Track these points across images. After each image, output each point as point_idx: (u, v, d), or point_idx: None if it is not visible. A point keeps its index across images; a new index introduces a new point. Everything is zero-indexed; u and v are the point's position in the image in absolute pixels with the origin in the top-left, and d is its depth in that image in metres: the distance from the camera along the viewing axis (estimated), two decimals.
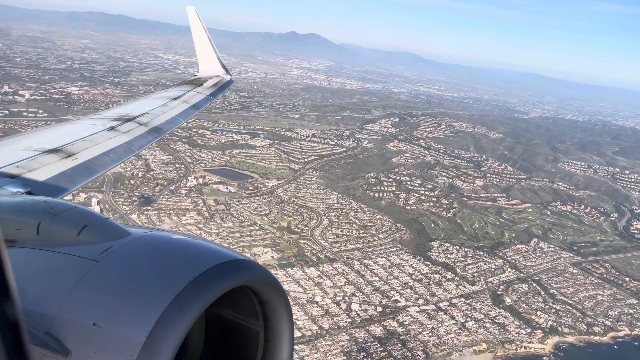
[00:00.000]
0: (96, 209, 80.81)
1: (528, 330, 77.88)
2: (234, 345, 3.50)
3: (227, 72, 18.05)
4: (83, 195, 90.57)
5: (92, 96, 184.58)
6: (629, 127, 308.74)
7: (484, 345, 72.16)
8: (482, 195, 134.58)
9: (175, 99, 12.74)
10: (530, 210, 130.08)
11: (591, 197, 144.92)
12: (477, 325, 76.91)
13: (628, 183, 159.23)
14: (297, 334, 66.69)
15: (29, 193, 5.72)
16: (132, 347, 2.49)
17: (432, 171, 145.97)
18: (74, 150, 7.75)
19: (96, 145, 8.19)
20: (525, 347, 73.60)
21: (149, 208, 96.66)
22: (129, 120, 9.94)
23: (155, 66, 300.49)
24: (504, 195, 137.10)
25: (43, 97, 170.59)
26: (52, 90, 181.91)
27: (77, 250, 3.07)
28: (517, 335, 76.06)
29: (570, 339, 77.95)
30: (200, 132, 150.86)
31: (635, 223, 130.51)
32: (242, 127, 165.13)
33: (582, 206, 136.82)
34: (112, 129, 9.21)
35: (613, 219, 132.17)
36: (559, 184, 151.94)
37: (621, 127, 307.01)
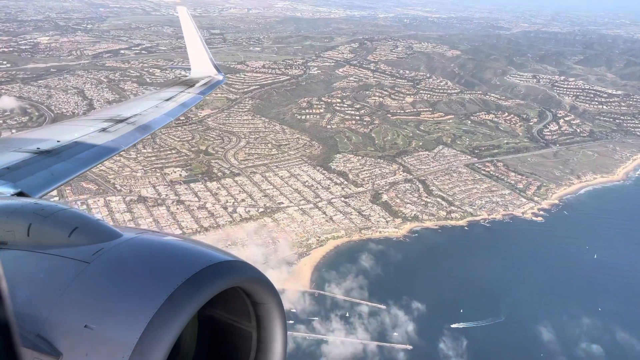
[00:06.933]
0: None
1: (390, 219, 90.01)
2: (226, 346, 3.57)
3: (219, 72, 18.55)
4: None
5: (60, 44, 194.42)
6: (611, 36, 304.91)
7: (342, 232, 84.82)
8: (407, 111, 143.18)
9: (167, 100, 13.54)
10: (450, 121, 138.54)
11: (519, 105, 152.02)
12: (343, 217, 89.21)
13: (565, 90, 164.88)
14: (177, 232, 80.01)
15: (20, 194, 5.86)
16: (124, 349, 2.50)
17: (367, 92, 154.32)
18: (66, 151, 7.97)
19: (88, 146, 8.53)
20: (380, 232, 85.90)
21: None
22: (121, 121, 10.47)
23: (135, 10, 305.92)
24: (430, 109, 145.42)
25: (11, 49, 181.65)
26: (22, 42, 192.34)
27: (69, 252, 3.11)
28: (376, 223, 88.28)
29: (428, 224, 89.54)
30: (151, 70, 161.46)
31: (550, 126, 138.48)
32: None
33: (506, 114, 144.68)
34: (103, 130, 9.70)
35: (531, 124, 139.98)
36: (491, 95, 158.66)
37: (603, 35, 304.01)
